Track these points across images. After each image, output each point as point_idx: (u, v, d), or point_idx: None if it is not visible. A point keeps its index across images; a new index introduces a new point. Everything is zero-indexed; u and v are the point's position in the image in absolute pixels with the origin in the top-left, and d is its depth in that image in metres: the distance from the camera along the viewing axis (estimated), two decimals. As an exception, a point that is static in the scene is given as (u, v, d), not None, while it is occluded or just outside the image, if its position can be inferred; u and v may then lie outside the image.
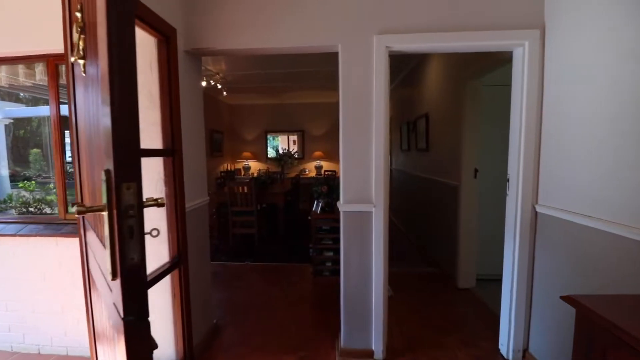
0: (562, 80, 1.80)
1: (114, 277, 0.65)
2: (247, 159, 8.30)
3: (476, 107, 3.12)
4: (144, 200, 0.71)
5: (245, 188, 4.80)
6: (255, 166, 8.34)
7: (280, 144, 8.47)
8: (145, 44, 1.79)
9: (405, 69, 5.27)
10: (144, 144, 1.83)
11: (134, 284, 0.63)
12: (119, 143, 0.60)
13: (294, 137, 8.40)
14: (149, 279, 1.60)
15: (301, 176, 7.73)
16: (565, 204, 1.78)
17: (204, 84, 5.32)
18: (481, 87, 3.12)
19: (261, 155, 8.43)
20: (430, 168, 4.18)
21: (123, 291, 0.61)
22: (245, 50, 2.13)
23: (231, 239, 4.92)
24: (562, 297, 1.06)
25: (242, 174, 8.22)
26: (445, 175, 3.63)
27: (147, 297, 0.67)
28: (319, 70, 5.26)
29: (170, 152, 1.88)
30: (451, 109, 3.48)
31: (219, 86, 5.65)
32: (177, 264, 1.93)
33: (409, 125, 5.15)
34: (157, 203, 0.77)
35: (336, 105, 2.16)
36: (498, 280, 3.17)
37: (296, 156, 8.30)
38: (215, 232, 5.27)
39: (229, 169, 8.06)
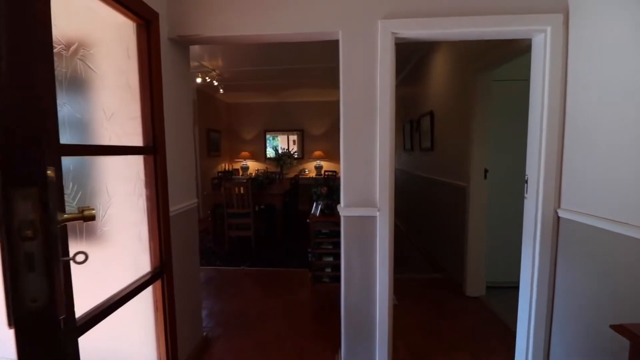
0: (589, 70, 1.60)
1: (9, 324, 0.46)
2: (245, 158, 8.11)
3: (486, 103, 2.92)
4: (67, 213, 0.51)
5: (242, 189, 4.61)
6: (253, 166, 8.15)
7: (279, 143, 8.27)
8: (122, 27, 1.59)
9: (408, 66, 5.08)
10: (122, 141, 1.64)
11: (37, 337, 0.43)
12: (7, 128, 0.41)
13: (293, 137, 8.21)
14: (123, 293, 1.41)
15: (300, 176, 7.53)
16: (592, 209, 1.58)
17: (199, 80, 5.12)
18: (491, 82, 2.93)
19: (260, 155, 8.24)
20: (435, 168, 3.99)
21: (18, 349, 0.42)
22: (236, 37, 1.93)
23: (227, 242, 4.73)
24: (612, 327, 0.87)
25: (240, 174, 8.03)
26: (451, 175, 3.43)
27: (64, 355, 0.47)
28: (319, 66, 5.08)
29: (151, 149, 1.69)
30: (458, 106, 3.28)
31: (216, 83, 5.45)
32: (160, 274, 1.74)
33: (412, 123, 4.96)
34: (82, 216, 0.56)
35: (337, 103, 1.97)
36: (509, 288, 2.97)
37: (295, 156, 8.11)
38: (211, 234, 5.08)
39: (226, 169, 7.87)
